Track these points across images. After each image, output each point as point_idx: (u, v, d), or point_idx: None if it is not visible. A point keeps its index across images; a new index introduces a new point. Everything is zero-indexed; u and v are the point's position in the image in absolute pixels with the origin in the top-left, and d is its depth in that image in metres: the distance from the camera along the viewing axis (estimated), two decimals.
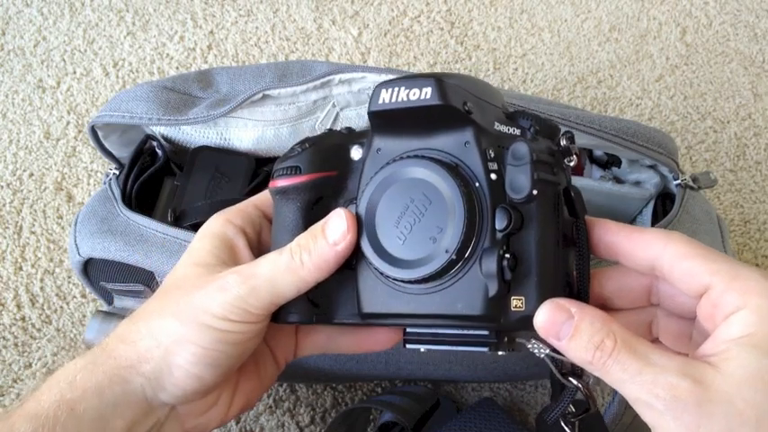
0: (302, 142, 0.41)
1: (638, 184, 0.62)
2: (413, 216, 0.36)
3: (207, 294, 0.38)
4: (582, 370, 0.37)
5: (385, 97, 0.36)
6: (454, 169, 0.35)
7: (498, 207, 0.34)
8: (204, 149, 0.61)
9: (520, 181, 0.34)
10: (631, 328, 0.34)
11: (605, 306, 0.40)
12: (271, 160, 0.63)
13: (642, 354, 0.32)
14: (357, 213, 0.37)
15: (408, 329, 0.39)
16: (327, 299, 0.39)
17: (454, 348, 0.38)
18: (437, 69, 0.92)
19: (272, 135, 0.60)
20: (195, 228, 0.56)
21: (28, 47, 0.91)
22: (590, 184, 0.60)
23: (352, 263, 0.38)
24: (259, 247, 0.43)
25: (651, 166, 0.60)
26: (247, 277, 0.38)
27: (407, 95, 0.35)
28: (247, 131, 0.60)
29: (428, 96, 0.35)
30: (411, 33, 0.96)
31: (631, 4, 0.99)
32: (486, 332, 0.37)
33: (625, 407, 0.50)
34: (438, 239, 0.35)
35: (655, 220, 0.61)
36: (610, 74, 0.92)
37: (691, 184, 0.58)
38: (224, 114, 0.57)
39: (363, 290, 0.38)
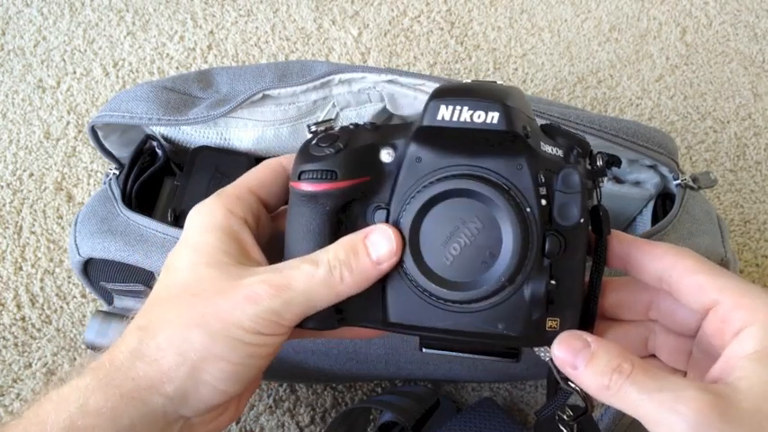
0: (330, 138, 0.38)
1: (638, 184, 0.62)
2: (463, 238, 0.35)
3: (236, 306, 0.35)
4: None
5: (445, 114, 0.35)
6: (508, 193, 0.35)
7: (548, 234, 0.35)
8: (204, 149, 0.61)
9: (571, 210, 0.35)
10: (628, 342, 0.35)
11: (603, 315, 0.40)
12: None
13: (659, 376, 0.32)
14: (398, 226, 0.36)
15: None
16: (350, 304, 0.38)
17: (473, 356, 0.38)
18: (437, 69, 0.92)
19: (272, 135, 0.60)
20: None
21: (28, 47, 0.91)
22: None
23: None
24: (258, 237, 0.41)
25: (651, 166, 0.60)
26: (280, 290, 0.36)
27: (471, 117, 0.34)
28: (247, 131, 0.60)
29: (495, 121, 0.34)
30: (411, 33, 0.96)
31: (631, 4, 0.99)
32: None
33: None
34: (490, 264, 0.35)
35: (655, 220, 0.61)
36: (610, 74, 0.92)
37: (691, 184, 0.58)
38: (224, 114, 0.57)
39: (393, 299, 0.37)
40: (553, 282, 0.35)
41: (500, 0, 0.99)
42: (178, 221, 0.58)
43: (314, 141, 0.38)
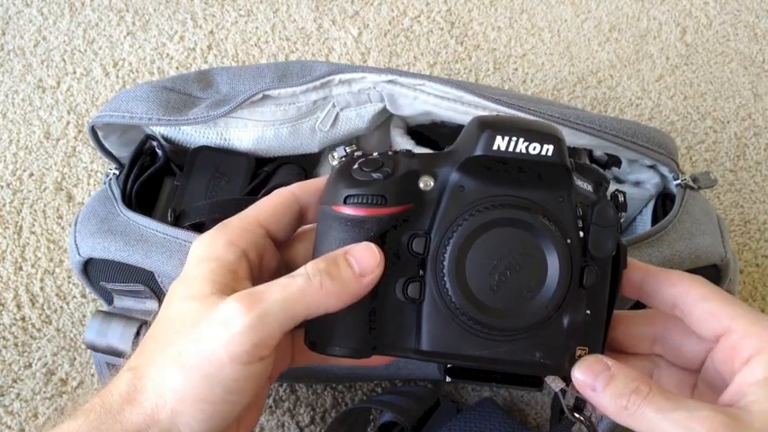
0: (374, 163, 0.38)
1: (638, 184, 0.62)
2: (509, 267, 0.36)
3: (210, 334, 0.33)
4: (584, 403, 0.38)
5: (501, 144, 0.35)
6: (554, 224, 0.36)
7: (586, 266, 0.36)
8: (204, 149, 0.61)
9: (605, 242, 0.36)
10: None
11: (609, 347, 0.41)
12: (270, 160, 0.63)
13: (675, 397, 0.33)
14: (443, 254, 0.36)
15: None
16: (383, 333, 0.38)
17: (500, 386, 0.39)
18: (437, 69, 0.92)
19: (272, 135, 0.60)
20: (195, 228, 0.56)
21: (28, 47, 0.91)
22: None
23: (418, 298, 0.37)
24: (260, 274, 0.39)
25: (651, 166, 0.60)
26: (253, 304, 0.33)
27: (526, 148, 0.35)
28: (247, 131, 0.60)
29: (549, 154, 0.35)
30: (411, 33, 0.96)
31: (631, 4, 0.99)
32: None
33: None
34: (534, 293, 0.36)
35: (655, 221, 0.61)
36: (610, 74, 0.92)
37: (691, 184, 0.58)
38: (224, 114, 0.57)
39: (429, 327, 0.37)
40: (588, 312, 0.36)
41: (500, 0, 0.99)
42: (178, 221, 0.58)
43: (356, 166, 0.38)
